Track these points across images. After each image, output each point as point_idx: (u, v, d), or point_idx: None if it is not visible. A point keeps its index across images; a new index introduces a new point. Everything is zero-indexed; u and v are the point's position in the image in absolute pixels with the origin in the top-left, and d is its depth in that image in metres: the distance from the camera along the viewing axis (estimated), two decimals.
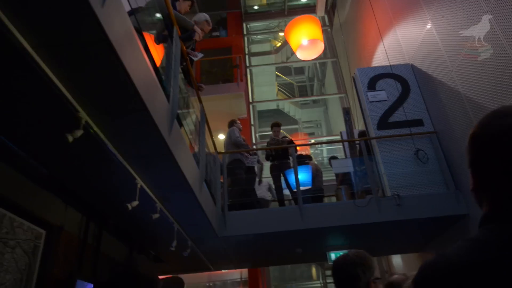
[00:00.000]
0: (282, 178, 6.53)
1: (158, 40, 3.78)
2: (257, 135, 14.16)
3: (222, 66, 10.97)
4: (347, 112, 6.14)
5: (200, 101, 4.52)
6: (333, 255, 6.00)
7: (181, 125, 3.55)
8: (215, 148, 5.72)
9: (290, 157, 6.46)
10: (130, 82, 2.17)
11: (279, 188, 6.31)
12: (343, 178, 6.20)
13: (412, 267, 7.33)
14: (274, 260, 7.23)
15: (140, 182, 3.33)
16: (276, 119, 17.03)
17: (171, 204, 3.99)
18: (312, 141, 14.74)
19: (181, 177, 3.34)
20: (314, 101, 16.14)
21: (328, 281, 12.29)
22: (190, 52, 4.08)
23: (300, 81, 17.32)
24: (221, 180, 5.64)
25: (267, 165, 7.18)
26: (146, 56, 2.48)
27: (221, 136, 11.30)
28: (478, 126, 0.83)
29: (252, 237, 5.35)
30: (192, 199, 3.82)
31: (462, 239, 0.75)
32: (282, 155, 6.62)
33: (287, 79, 15.70)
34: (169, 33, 3.38)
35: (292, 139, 7.42)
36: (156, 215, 3.74)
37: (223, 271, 10.25)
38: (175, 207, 4.08)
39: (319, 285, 13.83)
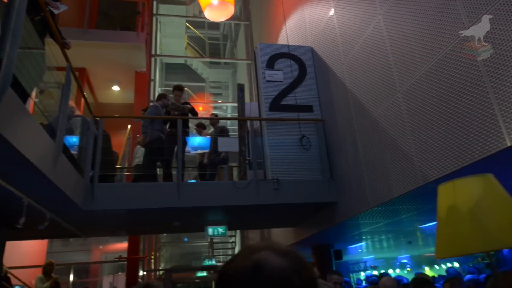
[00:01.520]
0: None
1: None
2: (159, 89, 13.34)
3: (123, 11, 9.77)
4: (241, 89, 5.93)
5: (67, 60, 3.85)
6: (210, 230, 6.01)
7: (25, 93, 2.93)
8: (91, 112, 5.08)
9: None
10: None
11: (168, 163, 5.93)
12: (211, 157, 6.13)
13: (289, 236, 7.83)
14: (151, 230, 7.03)
15: None
16: (183, 74, 16.28)
17: (15, 180, 3.43)
18: (213, 112, 14.43)
19: (16, 154, 2.81)
20: (224, 62, 15.67)
21: (214, 241, 12.67)
22: (49, 2, 3.34)
23: (213, 37, 16.54)
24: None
25: None
26: None
27: (116, 88, 10.35)
28: (225, 262, 0.68)
29: (124, 211, 5.01)
30: (38, 175, 3.30)
31: None
32: (183, 124, 6.16)
33: (198, 33, 14.83)
34: None
35: (197, 100, 6.94)
36: None
37: None
38: (21, 183, 3.52)
39: (206, 243, 14.24)
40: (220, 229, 6.04)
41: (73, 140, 4.81)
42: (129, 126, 9.27)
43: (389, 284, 3.36)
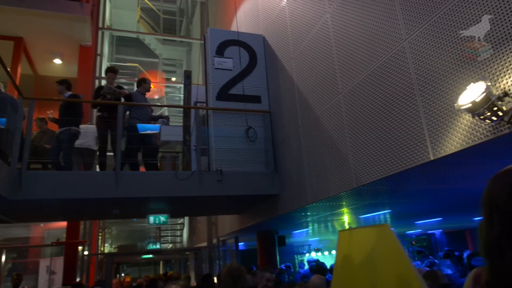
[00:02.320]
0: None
1: None
2: (107, 63, 12.63)
3: None
4: (187, 76, 5.73)
5: None
6: (151, 219, 5.90)
7: None
8: (19, 92, 4.67)
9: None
10: None
11: (103, 150, 5.65)
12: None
13: (235, 222, 7.89)
14: (89, 216, 6.77)
15: None
16: (136, 48, 15.48)
17: None
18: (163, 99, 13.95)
19: None
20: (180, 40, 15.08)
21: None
22: None
23: (169, 11, 15.80)
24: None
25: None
26: None
27: (58, 61, 9.65)
28: None
29: (57, 201, 4.75)
30: None
31: None
32: (116, 108, 5.82)
33: (152, 6, 14.08)
34: None
35: (150, 79, 6.40)
36: None
37: None
38: None
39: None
40: (162, 218, 5.94)
41: None
42: None
43: (318, 282, 3.48)
